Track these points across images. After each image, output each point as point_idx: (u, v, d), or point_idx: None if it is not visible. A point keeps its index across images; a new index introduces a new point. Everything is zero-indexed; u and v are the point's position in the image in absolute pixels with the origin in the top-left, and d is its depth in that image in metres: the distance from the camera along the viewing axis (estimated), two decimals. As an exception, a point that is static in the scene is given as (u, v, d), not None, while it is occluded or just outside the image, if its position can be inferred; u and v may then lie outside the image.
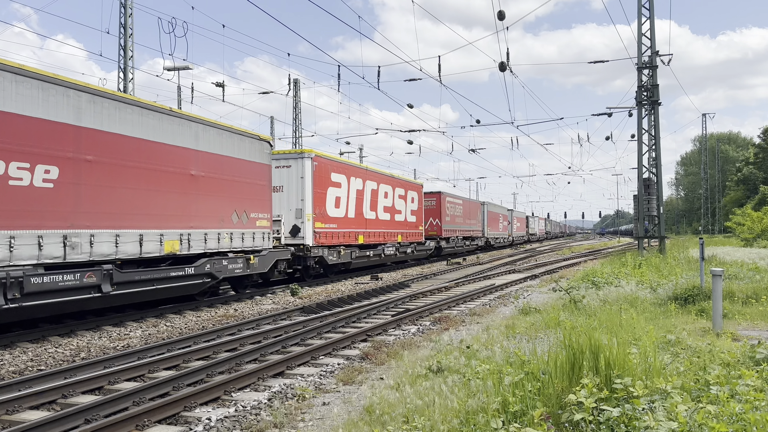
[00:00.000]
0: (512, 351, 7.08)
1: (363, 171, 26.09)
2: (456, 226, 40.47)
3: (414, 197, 32.68)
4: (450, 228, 38.73)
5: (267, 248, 17.88)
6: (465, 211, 43.78)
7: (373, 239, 26.36)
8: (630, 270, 18.80)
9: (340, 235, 23.00)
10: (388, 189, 28.74)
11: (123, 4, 24.90)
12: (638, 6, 25.13)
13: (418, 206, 33.18)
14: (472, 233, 46.16)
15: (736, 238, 42.83)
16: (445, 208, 37.87)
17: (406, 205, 31.34)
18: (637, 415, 4.26)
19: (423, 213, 34.22)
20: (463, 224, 42.69)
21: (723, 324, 9.51)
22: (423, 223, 33.96)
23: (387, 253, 27.89)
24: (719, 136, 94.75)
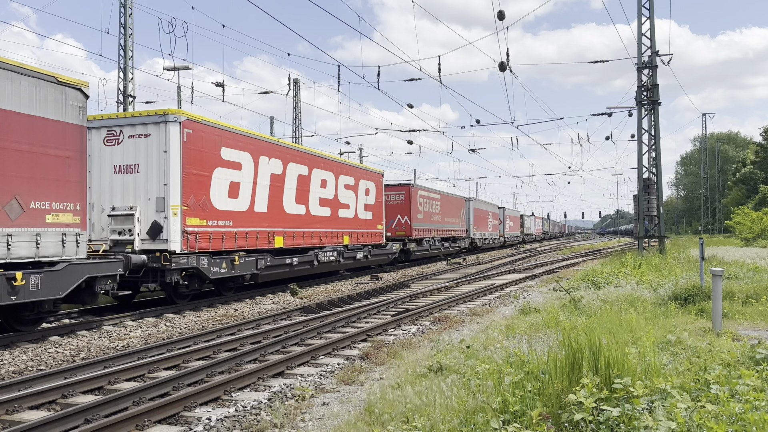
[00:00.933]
0: (512, 351, 7.08)
1: (283, 150, 19.54)
2: (432, 224, 35.06)
3: (370, 188, 26.57)
4: (423, 227, 33.20)
5: (70, 259, 11.40)
6: (444, 207, 38.24)
7: (301, 241, 20.15)
8: (630, 270, 18.81)
9: (238, 236, 16.65)
10: (328, 176, 22.45)
11: (123, 4, 24.90)
12: (638, 6, 25.14)
13: (375, 200, 27.08)
14: (454, 233, 40.71)
15: (736, 237, 42.85)
16: (417, 204, 32.27)
17: (357, 197, 25.12)
18: (637, 414, 4.26)
19: (385, 209, 28.81)
20: (441, 223, 37.16)
21: (723, 324, 9.51)
22: (384, 221, 28.12)
23: (323, 259, 21.48)
24: (719, 136, 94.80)
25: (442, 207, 37.58)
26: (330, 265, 22.40)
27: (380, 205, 27.87)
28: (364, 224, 25.84)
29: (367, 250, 25.82)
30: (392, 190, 31.25)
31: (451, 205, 40.39)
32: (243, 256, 16.79)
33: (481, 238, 49.22)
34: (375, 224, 26.99)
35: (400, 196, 31.47)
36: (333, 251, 22.43)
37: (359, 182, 25.52)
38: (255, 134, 18.27)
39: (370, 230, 26.50)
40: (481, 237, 49.17)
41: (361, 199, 25.59)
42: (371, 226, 26.58)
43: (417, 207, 32.22)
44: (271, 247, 18.29)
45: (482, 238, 49.64)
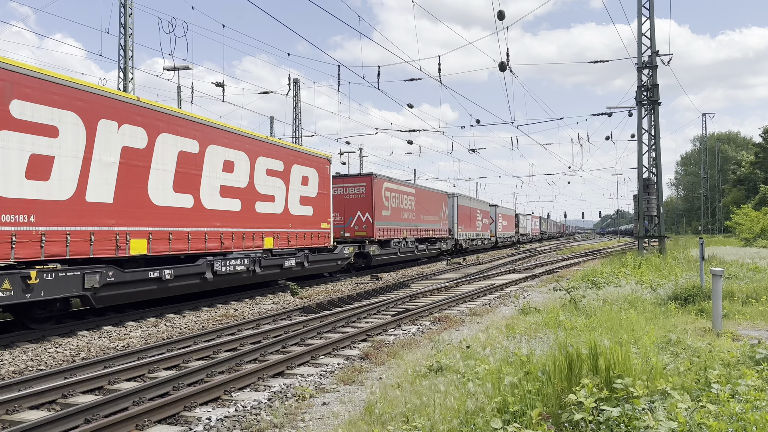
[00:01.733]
0: (512, 351, 7.08)
1: (150, 115, 13.75)
2: (403, 223, 30.02)
3: (309, 177, 21.11)
4: (390, 226, 28.21)
5: None
6: (420, 203, 33.14)
7: (184, 246, 14.46)
8: (630, 270, 18.81)
9: (47, 238, 11.06)
10: (237, 157, 16.93)
11: (123, 4, 24.90)
12: (638, 6, 25.13)
13: (319, 191, 21.63)
14: (433, 233, 35.51)
15: (736, 237, 42.86)
16: (382, 198, 27.30)
17: (289, 188, 19.73)
18: (637, 414, 4.26)
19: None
20: (416, 221, 32.20)
21: (723, 324, 9.51)
22: (331, 218, 22.77)
23: (225, 270, 15.97)
24: (719, 136, 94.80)
25: (417, 203, 32.70)
26: (238, 277, 16.76)
27: (325, 199, 22.25)
28: (301, 222, 20.30)
29: (303, 255, 20.24)
30: (350, 182, 26.76)
31: (430, 202, 35.22)
32: (53, 270, 11.07)
33: (468, 239, 44.26)
34: (317, 222, 21.43)
35: (359, 188, 26.49)
36: (244, 258, 16.85)
37: (291, 168, 19.95)
38: (90, 86, 12.37)
39: (310, 230, 20.88)
40: (468, 238, 44.21)
41: (294, 189, 20.04)
42: (311, 224, 20.99)
43: (381, 202, 27.22)
44: (123, 255, 12.80)
45: (469, 239, 44.66)
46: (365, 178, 26.73)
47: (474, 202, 48.19)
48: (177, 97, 31.23)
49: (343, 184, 26.50)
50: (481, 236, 49.10)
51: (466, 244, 43.53)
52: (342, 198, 26.38)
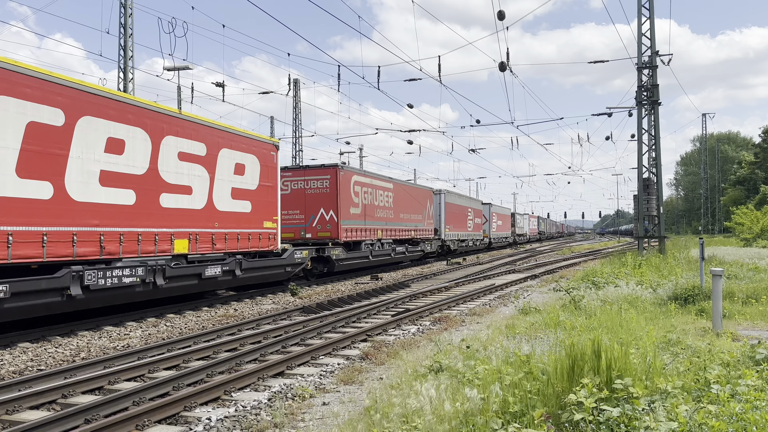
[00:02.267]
0: (512, 351, 7.08)
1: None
2: (377, 223, 26.75)
3: (247, 165, 17.37)
4: (360, 226, 24.83)
5: None
6: (400, 200, 29.80)
7: (36, 251, 10.96)
8: (630, 270, 18.81)
9: None
10: (132, 134, 13.34)
11: (123, 4, 24.90)
12: (638, 6, 25.13)
13: (260, 183, 17.97)
14: (416, 233, 32.06)
15: (736, 238, 42.87)
16: (350, 193, 24.08)
17: (215, 177, 15.99)
18: (637, 415, 4.26)
19: (279, 197, 19.43)
20: (394, 220, 28.84)
21: (723, 324, 9.51)
22: (278, 216, 19.02)
23: (106, 283, 12.29)
24: (719, 136, 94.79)
25: (396, 200, 29.27)
26: (129, 292, 13.04)
27: (271, 192, 18.56)
28: (233, 220, 16.51)
29: (235, 262, 16.29)
30: (312, 174, 23.28)
31: (411, 199, 31.53)
32: None
33: (457, 240, 40.52)
34: (258, 221, 17.67)
35: (323, 182, 23.01)
36: (137, 268, 13.10)
37: (219, 153, 16.11)
38: None
39: (247, 230, 17.12)
40: (457, 238, 40.47)
41: (223, 180, 16.17)
42: (249, 223, 17.27)
43: (349, 198, 23.97)
44: None
45: (458, 240, 40.85)
46: (329, 169, 23.11)
47: (464, 200, 44.53)
48: (177, 97, 31.24)
49: (303, 177, 23.25)
50: (472, 236, 45.45)
51: (454, 245, 39.90)
52: (302, 193, 23.07)
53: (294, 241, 22.37)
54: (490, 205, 53.46)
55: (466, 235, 43.40)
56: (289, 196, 23.08)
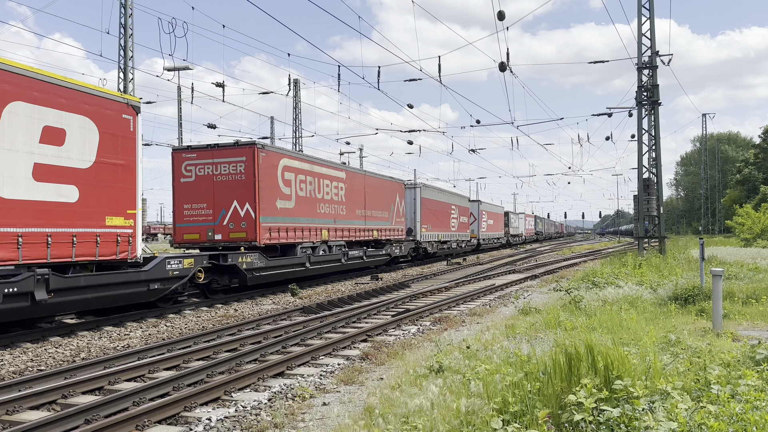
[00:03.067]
0: (512, 351, 7.08)
1: None
2: (321, 221, 21.57)
3: (74, 129, 12.03)
4: (294, 224, 19.73)
5: None
6: (355, 193, 24.62)
7: None
8: (630, 270, 18.81)
9: None
10: None
11: (123, 5, 24.91)
12: (638, 6, 25.13)
13: (97, 159, 12.58)
14: (380, 234, 27.02)
15: (736, 238, 42.88)
16: (278, 182, 18.91)
17: (19, 152, 10.83)
18: (637, 415, 4.26)
19: (140, 180, 13.76)
20: (346, 217, 23.69)
21: (723, 324, 9.51)
22: (136, 210, 13.59)
23: None
24: (719, 136, 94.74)
25: (350, 192, 24.23)
26: None
27: (121, 174, 13.15)
28: (40, 214, 11.20)
29: (32, 280, 10.79)
30: (221, 156, 18.00)
31: (373, 192, 26.55)
32: None
33: (436, 242, 35.39)
34: (95, 216, 12.43)
35: (236, 165, 17.82)
36: None
37: (6, 108, 10.64)
38: None
39: (72, 229, 11.83)
40: (436, 240, 35.30)
41: (15, 150, 10.80)
42: (76, 219, 11.98)
43: (275, 187, 18.75)
44: None
45: (438, 242, 35.70)
46: (245, 149, 17.84)
47: (447, 196, 39.18)
48: (177, 97, 31.25)
49: (212, 160, 18.06)
50: (457, 237, 40.47)
51: (433, 247, 34.73)
52: (210, 181, 18.03)
53: (201, 244, 17.95)
54: (479, 203, 48.90)
55: (449, 235, 38.42)
56: (193, 185, 18.22)
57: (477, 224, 47.07)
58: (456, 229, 40.48)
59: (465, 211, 43.95)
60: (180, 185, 18.45)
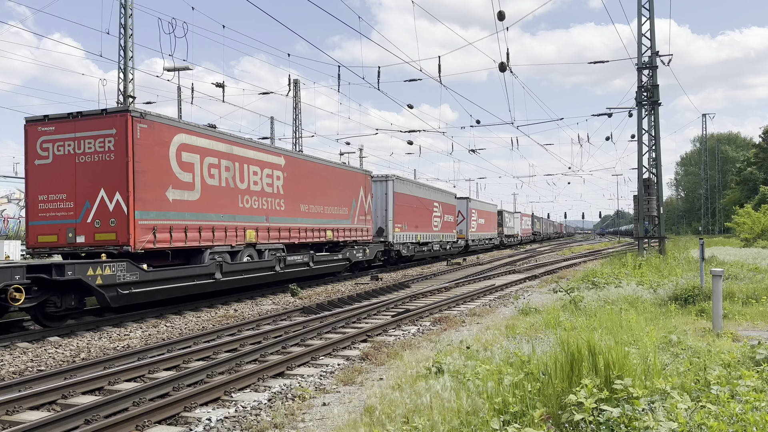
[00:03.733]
0: (512, 351, 7.08)
1: None
2: (245, 218, 16.98)
3: None
4: (198, 222, 15.05)
5: None
6: (299, 184, 19.87)
7: None
8: (630, 270, 18.81)
9: None
10: None
11: (123, 5, 24.91)
12: (638, 6, 25.14)
13: None
14: (336, 234, 22.43)
15: (736, 238, 42.89)
16: (171, 164, 14.24)
17: None
18: (637, 415, 4.26)
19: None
20: (283, 214, 18.89)
21: (723, 324, 9.51)
22: None
23: None
24: (719, 136, 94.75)
25: (291, 183, 19.38)
26: None
27: None
28: None
29: None
30: (85, 128, 13.35)
31: (325, 183, 21.77)
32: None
33: (413, 243, 31.24)
34: None
35: (104, 142, 13.20)
36: None
37: None
38: None
39: None
40: (413, 241, 31.12)
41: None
42: None
43: (167, 172, 14.04)
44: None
45: (415, 243, 31.51)
46: (114, 119, 13.13)
47: (428, 191, 34.70)
48: (177, 97, 31.25)
49: (73, 135, 13.39)
50: (440, 238, 36.51)
51: (409, 249, 30.62)
52: (71, 162, 13.39)
53: (61, 249, 13.62)
54: (468, 200, 44.23)
55: (430, 236, 34.26)
56: (50, 168, 13.57)
57: (465, 224, 43.10)
58: (439, 228, 36.43)
59: (451, 209, 39.73)
60: (34, 169, 13.72)
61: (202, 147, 15.41)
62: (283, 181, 19.19)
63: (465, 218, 43.13)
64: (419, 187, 33.44)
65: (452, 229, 39.81)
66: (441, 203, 37.10)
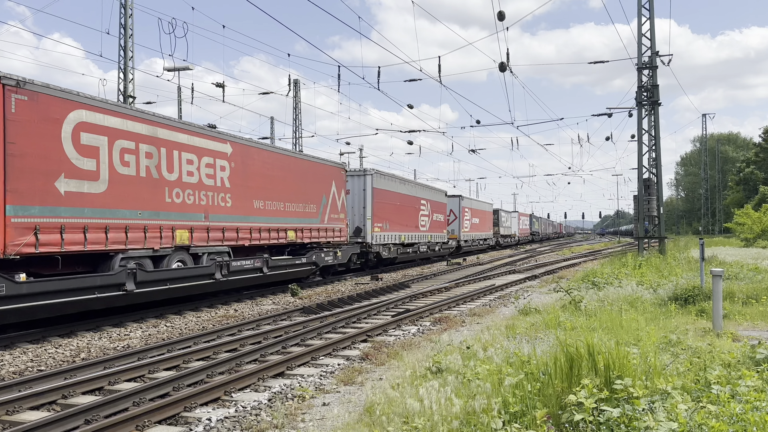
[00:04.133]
0: (512, 351, 7.08)
1: None
2: (173, 215, 14.20)
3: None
4: (102, 220, 12.16)
5: None
6: (249, 176, 17.16)
7: None
8: (630, 270, 18.81)
9: None
10: None
11: (123, 5, 24.91)
12: (638, 6, 25.14)
13: None
14: (300, 234, 19.72)
15: (736, 238, 42.88)
16: (65, 149, 11.39)
17: None
18: (638, 415, 4.26)
19: None
20: (229, 212, 16.25)
21: (723, 324, 9.51)
22: None
23: None
24: (719, 136, 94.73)
25: (239, 175, 16.72)
26: None
27: None
28: None
29: None
30: None
31: (289, 176, 19.34)
32: None
33: (396, 245, 28.75)
34: None
35: None
36: None
37: None
38: None
39: None
40: (396, 242, 28.63)
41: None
42: None
43: (58, 156, 11.39)
44: None
45: (398, 245, 29.05)
46: None
47: (414, 188, 32.12)
48: (177, 97, 31.26)
49: None
50: (430, 239, 34.06)
51: (390, 251, 28.12)
52: None
53: None
54: (461, 198, 41.31)
55: (417, 236, 31.89)
56: None
57: (458, 223, 40.49)
58: (427, 228, 33.65)
59: (441, 207, 36.83)
60: None
61: (111, 127, 12.56)
62: (230, 173, 16.34)
63: (457, 217, 40.57)
64: (403, 184, 30.58)
65: (442, 228, 37.21)
66: (429, 201, 34.37)
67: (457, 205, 40.81)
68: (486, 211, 51.04)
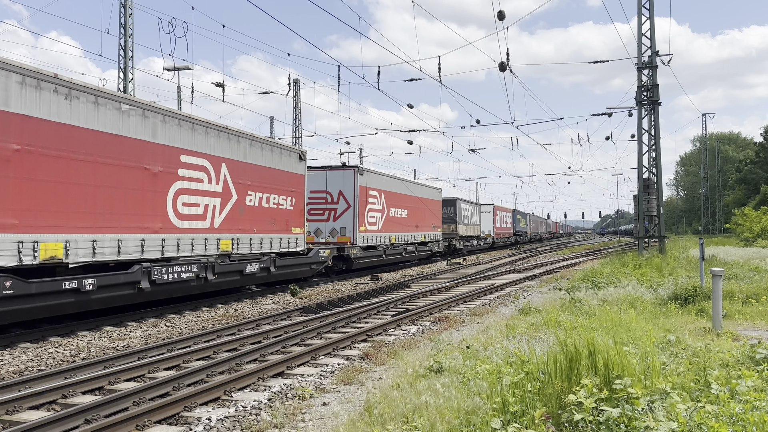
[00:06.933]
0: (512, 351, 7.08)
1: None
2: None
3: None
4: None
5: None
6: None
7: None
8: (630, 270, 18.81)
9: None
10: None
11: (123, 4, 24.91)
12: (638, 5, 25.13)
13: None
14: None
15: (736, 238, 42.88)
16: None
17: None
18: (637, 415, 4.26)
19: None
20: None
21: (723, 324, 9.51)
22: None
23: None
24: (719, 136, 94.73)
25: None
26: None
27: None
28: None
29: None
30: None
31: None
32: None
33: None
34: None
35: None
36: None
37: None
38: None
39: None
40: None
41: None
42: None
43: None
44: None
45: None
46: None
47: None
48: (177, 97, 31.25)
49: None
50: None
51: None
52: None
53: None
54: (357, 170, 24.15)
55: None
56: None
57: (352, 215, 24.07)
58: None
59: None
60: None
61: None
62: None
63: (350, 205, 24.13)
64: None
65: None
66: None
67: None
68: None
